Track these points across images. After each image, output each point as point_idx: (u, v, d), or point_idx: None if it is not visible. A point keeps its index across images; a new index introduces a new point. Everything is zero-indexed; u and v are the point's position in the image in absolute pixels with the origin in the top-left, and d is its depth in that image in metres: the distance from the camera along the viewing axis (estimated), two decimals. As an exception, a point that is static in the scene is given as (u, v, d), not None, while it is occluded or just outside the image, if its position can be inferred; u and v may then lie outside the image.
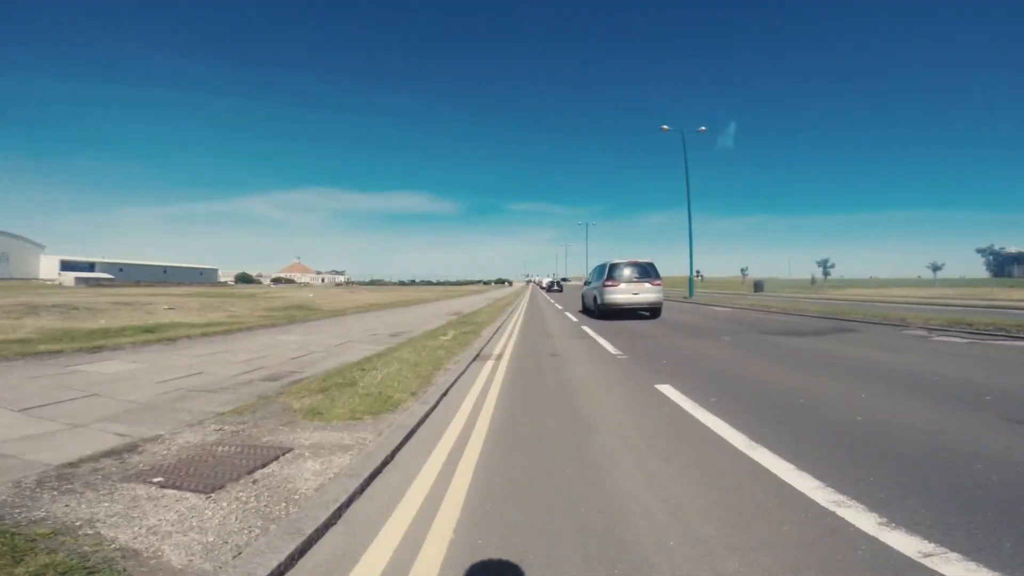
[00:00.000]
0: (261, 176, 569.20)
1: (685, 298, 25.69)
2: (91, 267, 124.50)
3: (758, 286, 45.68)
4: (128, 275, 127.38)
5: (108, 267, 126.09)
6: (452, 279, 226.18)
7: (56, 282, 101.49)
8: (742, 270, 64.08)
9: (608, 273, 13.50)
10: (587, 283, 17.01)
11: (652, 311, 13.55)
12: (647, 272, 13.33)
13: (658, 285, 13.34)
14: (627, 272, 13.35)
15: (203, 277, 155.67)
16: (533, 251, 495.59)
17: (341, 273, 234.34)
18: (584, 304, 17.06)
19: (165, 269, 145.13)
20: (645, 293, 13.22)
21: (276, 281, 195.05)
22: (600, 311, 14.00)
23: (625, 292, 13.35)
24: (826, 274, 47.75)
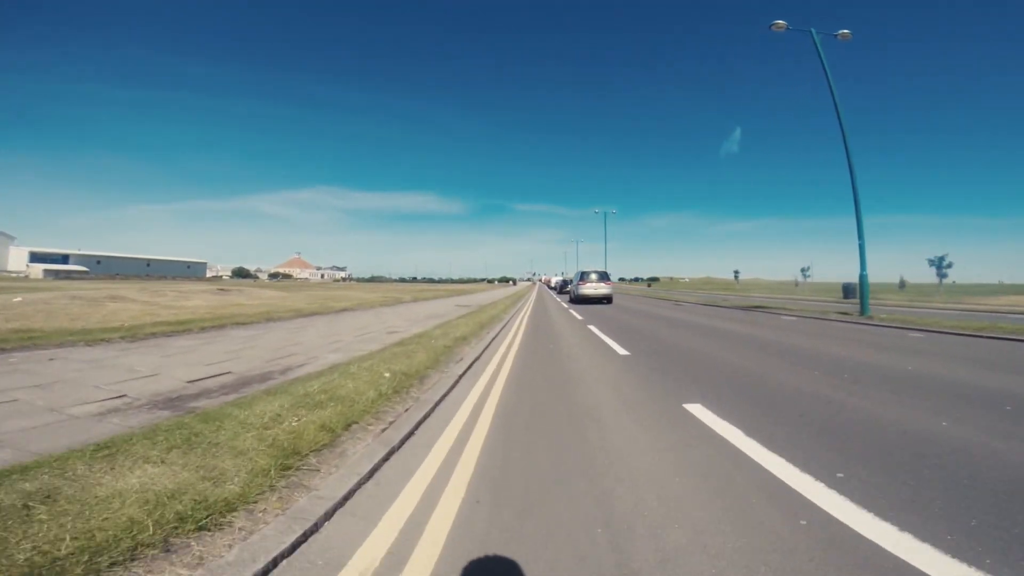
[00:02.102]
0: (269, 175, 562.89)
1: (847, 316, 13.28)
2: (65, 259, 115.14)
3: (849, 292, 32.80)
4: (106, 268, 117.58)
5: (84, 260, 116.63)
6: (456, 277, 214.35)
7: (24, 274, 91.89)
8: (802, 270, 51.36)
9: (580, 276, 22.27)
10: (567, 281, 34.60)
11: (606, 299, 21.35)
12: (603, 276, 21.83)
13: (609, 284, 21.88)
14: (592, 276, 21.65)
15: (190, 271, 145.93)
16: (539, 251, 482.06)
17: (342, 269, 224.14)
18: (570, 296, 25.09)
19: (148, 262, 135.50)
20: (601, 289, 21.19)
21: (273, 276, 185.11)
22: (575, 299, 22.02)
23: (590, 288, 21.05)
24: (942, 276, 35.45)
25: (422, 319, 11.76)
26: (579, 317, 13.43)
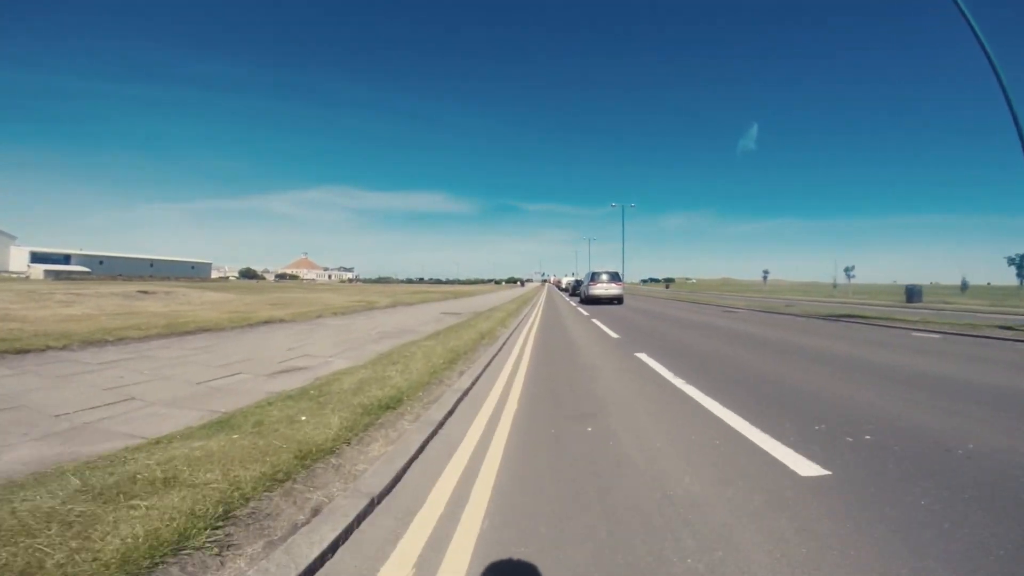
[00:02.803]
0: (280, 174, 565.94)
1: (1020, 333, 8.85)
2: (66, 259, 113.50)
3: (913, 294, 27.93)
4: (109, 268, 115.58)
5: (86, 260, 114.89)
6: (463, 278, 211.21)
7: (25, 275, 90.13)
8: (846, 270, 45.71)
9: (591, 277, 22.02)
10: (580, 282, 29.53)
11: (617, 299, 21.08)
12: (614, 277, 21.54)
13: (620, 284, 21.49)
14: (603, 276, 21.44)
15: (195, 272, 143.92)
16: (548, 251, 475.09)
17: (349, 270, 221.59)
18: (580, 296, 24.93)
19: (151, 262, 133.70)
20: (612, 289, 20.94)
21: (280, 277, 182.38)
22: (586, 299, 21.85)
23: (600, 288, 20.88)
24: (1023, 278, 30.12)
25: (372, 340, 7.49)
26: (613, 335, 9.04)
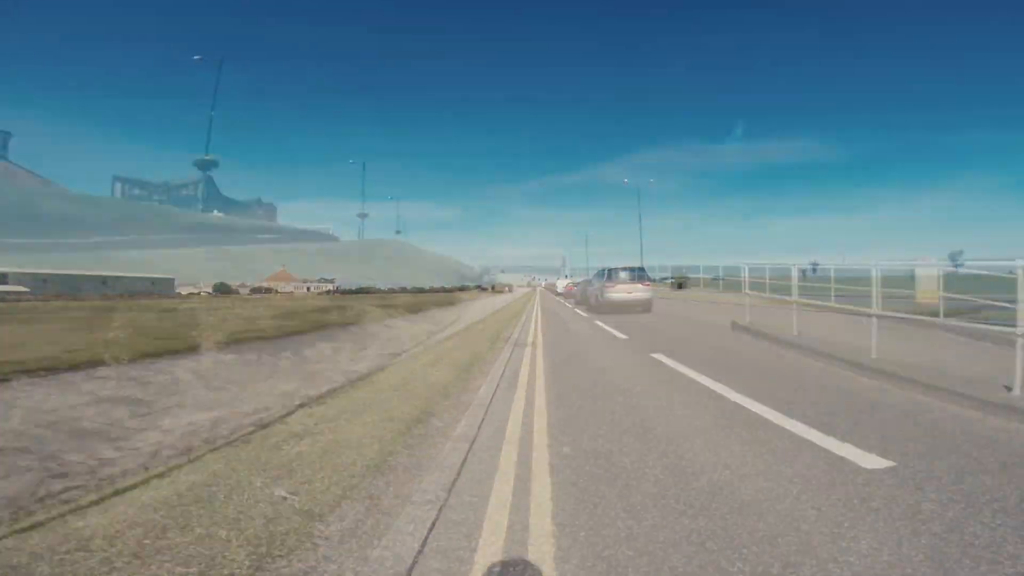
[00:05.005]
0: (268, 185, 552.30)
1: None
2: (3, 278, 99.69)
3: None
4: (55, 287, 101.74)
5: (26, 278, 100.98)
6: (449, 286, 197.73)
7: None
8: (951, 256, 32.44)
9: (608, 276, 16.91)
10: (589, 283, 22.09)
11: (644, 306, 16.14)
12: (638, 275, 16.84)
13: (648, 286, 16.71)
14: (622, 275, 16.67)
15: (155, 288, 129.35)
16: (542, 254, 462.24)
17: (330, 281, 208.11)
18: (588, 301, 20.53)
19: (104, 279, 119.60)
20: (638, 292, 16.19)
21: (256, 291, 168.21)
22: (598, 307, 17.28)
23: (621, 291, 16.21)
24: None
25: None
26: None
